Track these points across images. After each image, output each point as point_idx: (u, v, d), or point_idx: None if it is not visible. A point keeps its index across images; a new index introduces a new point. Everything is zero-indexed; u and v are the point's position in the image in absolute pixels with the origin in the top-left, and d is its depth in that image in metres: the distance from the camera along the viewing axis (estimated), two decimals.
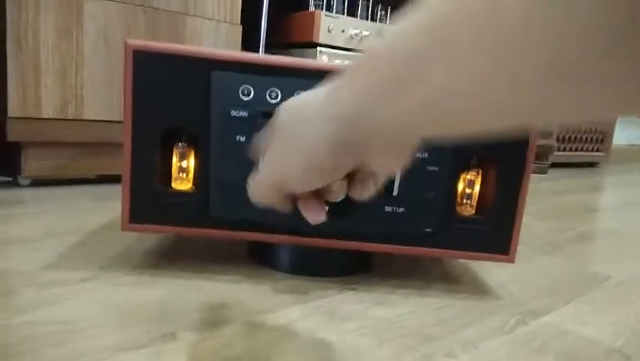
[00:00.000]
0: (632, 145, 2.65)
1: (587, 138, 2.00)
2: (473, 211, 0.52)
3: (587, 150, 2.01)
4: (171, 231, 0.50)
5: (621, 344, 0.44)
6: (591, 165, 2.10)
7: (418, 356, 0.39)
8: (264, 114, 0.47)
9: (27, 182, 0.84)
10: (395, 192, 0.49)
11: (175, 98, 0.47)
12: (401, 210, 0.50)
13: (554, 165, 1.97)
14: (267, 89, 0.47)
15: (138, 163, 0.48)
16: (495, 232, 0.51)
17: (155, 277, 0.49)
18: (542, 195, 1.27)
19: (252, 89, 0.47)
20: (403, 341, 0.41)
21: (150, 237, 0.61)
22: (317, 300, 0.48)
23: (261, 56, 0.48)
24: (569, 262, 0.69)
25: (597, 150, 2.05)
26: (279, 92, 0.47)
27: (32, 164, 0.83)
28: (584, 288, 0.59)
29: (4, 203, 0.73)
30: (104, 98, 0.85)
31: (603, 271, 0.66)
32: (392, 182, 0.49)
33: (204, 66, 0.47)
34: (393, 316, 0.46)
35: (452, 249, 0.51)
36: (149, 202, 0.49)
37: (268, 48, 1.13)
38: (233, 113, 0.47)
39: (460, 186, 0.51)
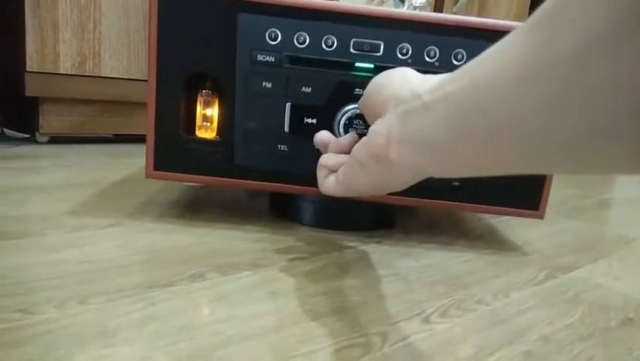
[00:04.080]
0: None
1: None
2: None
3: None
4: (195, 180, 0.49)
5: None
6: None
7: (450, 301, 0.38)
8: (291, 59, 0.46)
9: (45, 139, 0.83)
10: None
11: (200, 42, 0.46)
12: None
13: None
14: (295, 33, 0.46)
15: (163, 109, 0.47)
16: (525, 187, 0.50)
17: (179, 225, 0.49)
18: None
19: (279, 32, 0.46)
20: (432, 288, 0.40)
21: (172, 189, 0.60)
22: (342, 250, 0.47)
23: None
24: (593, 225, 0.68)
25: None
26: (307, 37, 0.46)
27: (50, 120, 0.82)
28: (611, 248, 0.58)
29: (22, 157, 0.73)
30: (121, 55, 0.84)
31: (628, 233, 0.65)
32: None
33: (231, 8, 0.45)
34: (420, 266, 0.45)
35: (481, 203, 0.50)
36: (173, 150, 0.48)
37: None
38: (260, 57, 0.46)
39: None
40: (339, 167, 0.36)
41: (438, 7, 1.28)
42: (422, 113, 0.26)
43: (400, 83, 0.30)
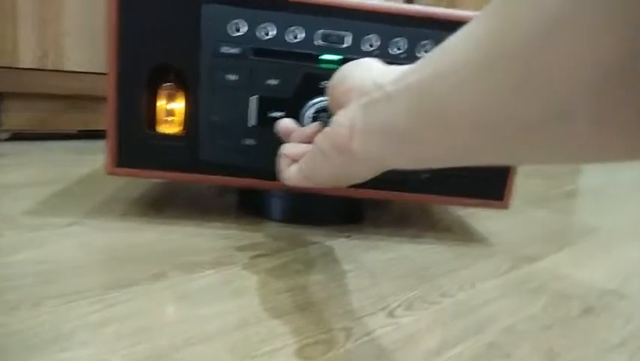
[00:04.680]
0: None
1: None
2: None
3: None
4: (159, 175, 0.48)
5: (615, 286, 0.44)
6: None
7: (416, 294, 0.38)
8: (256, 51, 0.45)
9: (6, 135, 0.81)
10: None
11: (162, 33, 0.45)
12: None
13: None
14: (259, 25, 0.45)
15: (123, 103, 0.46)
16: (490, 178, 0.50)
17: (142, 223, 0.48)
18: None
19: (243, 24, 0.45)
20: (398, 281, 0.40)
21: (136, 186, 0.59)
22: (308, 246, 0.47)
23: None
24: (558, 215, 0.69)
25: None
26: (272, 28, 0.45)
27: (12, 117, 0.79)
28: (575, 237, 0.59)
29: None
30: (86, 48, 0.81)
31: (593, 222, 0.66)
32: None
33: None
34: (387, 259, 0.45)
35: (446, 195, 0.50)
36: (135, 145, 0.47)
37: None
38: (224, 49, 0.45)
39: None
40: (302, 157, 0.36)
41: None
42: (385, 104, 0.26)
43: (364, 74, 0.30)
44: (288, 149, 0.38)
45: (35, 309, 0.31)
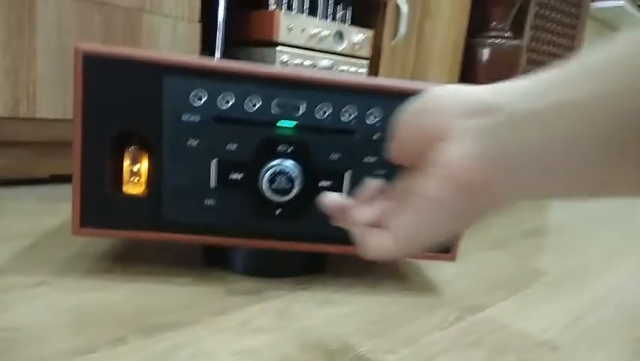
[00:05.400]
0: None
1: None
2: None
3: None
4: (124, 235, 0.50)
5: (550, 337, 0.47)
6: None
7: (360, 352, 0.41)
8: (215, 119, 0.48)
9: None
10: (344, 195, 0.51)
11: (127, 102, 0.48)
12: None
13: None
14: (219, 94, 0.48)
15: (88, 167, 0.48)
16: None
17: (107, 281, 0.50)
18: None
19: (204, 93, 0.48)
20: (346, 339, 0.43)
21: (103, 240, 0.61)
22: (269, 300, 0.49)
23: (213, 62, 0.49)
24: (511, 259, 0.73)
25: None
26: (231, 97, 0.48)
27: None
28: (522, 284, 0.62)
29: None
30: (57, 96, 0.83)
31: (543, 266, 0.70)
32: (341, 186, 0.51)
33: (156, 71, 0.47)
34: (341, 314, 0.48)
35: None
36: (100, 206, 0.49)
37: (227, 46, 1.13)
38: (185, 117, 0.48)
39: None
40: (383, 216, 0.31)
41: (377, 42, 1.33)
42: (521, 125, 0.23)
43: (457, 98, 0.26)
44: (361, 214, 0.32)
45: None
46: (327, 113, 0.49)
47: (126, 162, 0.50)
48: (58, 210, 0.72)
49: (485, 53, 1.65)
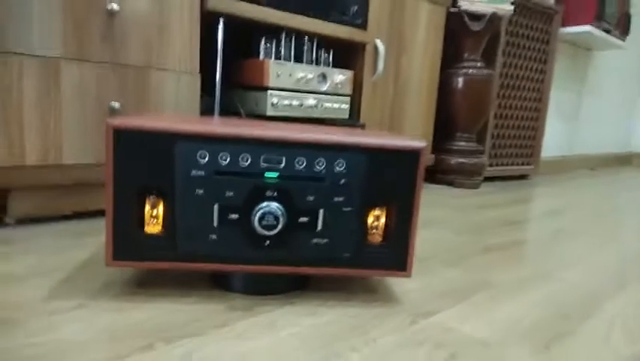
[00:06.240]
0: (563, 156, 2.92)
1: (517, 153, 2.23)
2: (381, 239, 0.68)
3: (518, 165, 2.24)
4: (146, 265, 0.64)
5: (484, 335, 0.61)
6: (523, 177, 2.33)
7: (330, 350, 0.54)
8: (216, 173, 0.62)
9: (12, 221, 0.95)
10: (319, 228, 0.65)
11: (147, 163, 0.61)
12: (325, 240, 0.66)
13: (489, 179, 2.19)
14: (218, 154, 0.62)
15: (118, 213, 0.62)
16: (396, 254, 0.67)
17: (133, 302, 0.63)
18: (468, 210, 1.46)
19: (207, 154, 0.62)
20: (321, 341, 0.56)
21: (128, 270, 0.74)
22: (261, 314, 0.62)
23: (213, 128, 0.63)
24: (465, 273, 0.86)
25: (527, 164, 2.28)
26: (228, 156, 0.62)
27: (17, 205, 0.94)
28: (469, 293, 0.76)
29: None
30: (79, 144, 0.97)
31: (492, 279, 0.83)
32: (317, 221, 0.64)
33: (169, 138, 0.61)
34: (319, 324, 0.61)
35: (365, 268, 0.67)
36: (127, 243, 0.63)
37: (224, 91, 1.28)
38: (193, 173, 0.62)
39: (370, 220, 0.67)
40: None
41: (358, 79, 1.48)
42: None
43: None
44: None
45: None
46: (303, 165, 0.63)
47: (147, 208, 0.64)
48: (85, 246, 0.85)
49: (459, 82, 1.80)
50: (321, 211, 0.65)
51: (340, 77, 1.36)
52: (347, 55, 1.50)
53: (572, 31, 2.42)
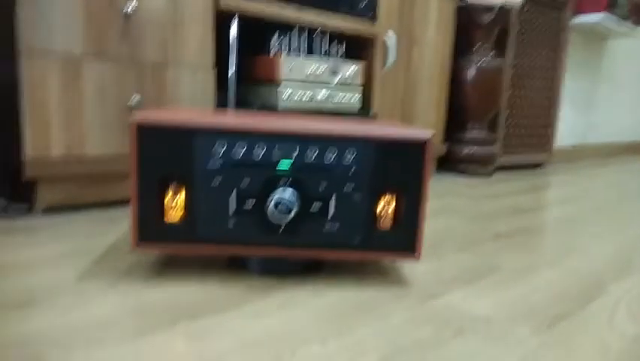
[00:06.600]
0: (577, 145, 2.90)
1: (531, 142, 2.23)
2: (391, 224, 0.71)
3: (531, 153, 2.24)
4: (168, 249, 0.68)
5: (487, 313, 0.64)
6: (537, 165, 2.34)
7: (343, 325, 0.58)
8: (232, 164, 0.66)
9: (41, 210, 1.00)
10: (331, 214, 0.68)
11: (168, 155, 0.65)
12: (336, 226, 0.69)
13: (503, 168, 2.20)
14: (234, 146, 0.66)
15: (142, 201, 0.66)
16: (405, 238, 0.70)
17: (157, 283, 0.68)
18: (480, 198, 1.48)
19: (223, 146, 0.66)
20: (332, 318, 0.60)
21: (152, 254, 0.79)
22: (277, 294, 0.66)
23: (229, 122, 0.66)
24: (475, 258, 0.89)
25: (541, 152, 2.28)
26: (243, 147, 0.66)
27: (45, 195, 1.00)
28: (477, 277, 0.79)
29: (25, 230, 0.90)
30: (101, 137, 1.02)
31: (499, 263, 0.86)
32: (328, 208, 0.68)
33: (188, 132, 0.65)
34: (332, 303, 0.65)
35: (376, 252, 0.70)
36: (150, 229, 0.67)
37: (238, 86, 1.32)
38: (211, 163, 0.66)
39: (380, 207, 0.71)
40: None
41: (369, 71, 1.51)
42: None
43: None
44: None
45: (86, 351, 0.50)
46: (314, 155, 0.67)
47: (168, 197, 0.68)
48: (109, 232, 0.90)
49: (471, 73, 1.81)
50: (333, 198, 0.68)
51: (351, 69, 1.38)
52: (358, 47, 1.53)
53: (585, 20, 2.40)
